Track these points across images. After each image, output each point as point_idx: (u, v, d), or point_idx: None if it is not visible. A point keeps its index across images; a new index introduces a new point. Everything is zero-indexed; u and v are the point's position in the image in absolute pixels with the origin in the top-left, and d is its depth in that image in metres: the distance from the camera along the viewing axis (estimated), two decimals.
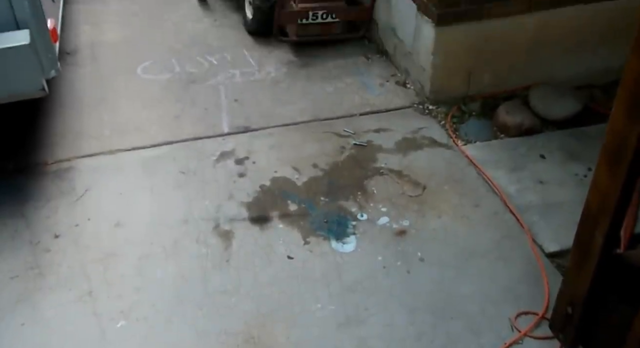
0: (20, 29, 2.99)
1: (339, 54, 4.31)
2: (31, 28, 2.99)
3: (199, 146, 3.50)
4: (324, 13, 4.08)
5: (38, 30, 3.03)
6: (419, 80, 3.87)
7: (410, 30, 3.83)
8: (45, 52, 3.08)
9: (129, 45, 4.37)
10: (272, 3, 4.20)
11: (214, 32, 4.55)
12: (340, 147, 3.51)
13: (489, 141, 3.59)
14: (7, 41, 2.94)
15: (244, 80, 4.04)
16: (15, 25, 2.99)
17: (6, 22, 2.98)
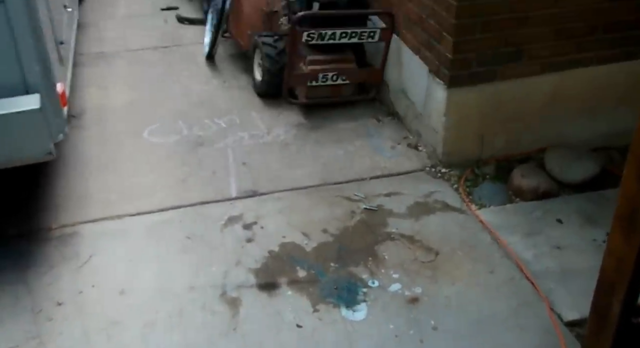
0: (31, 93, 3.20)
1: (350, 116, 4.52)
2: (41, 92, 3.20)
3: (206, 211, 3.65)
4: (334, 75, 4.30)
5: (48, 94, 3.24)
6: (431, 143, 4.04)
7: (422, 92, 4.03)
8: (54, 116, 3.29)
9: (136, 107, 4.61)
10: (281, 65, 4.43)
11: (222, 94, 4.79)
12: (351, 211, 3.65)
13: (503, 205, 3.72)
14: (17, 106, 3.14)
15: (253, 143, 4.23)
16: (26, 90, 3.20)
17: (16, 87, 3.19)
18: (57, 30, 3.87)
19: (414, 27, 4.05)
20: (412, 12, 4.05)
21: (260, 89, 4.68)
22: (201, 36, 5.55)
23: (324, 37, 4.12)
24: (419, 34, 3.99)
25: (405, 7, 4.13)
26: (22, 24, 3.08)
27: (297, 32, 4.06)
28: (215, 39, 5.02)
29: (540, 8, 3.63)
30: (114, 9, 6.31)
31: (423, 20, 3.91)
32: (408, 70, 4.21)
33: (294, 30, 4.06)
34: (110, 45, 5.54)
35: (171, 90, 4.85)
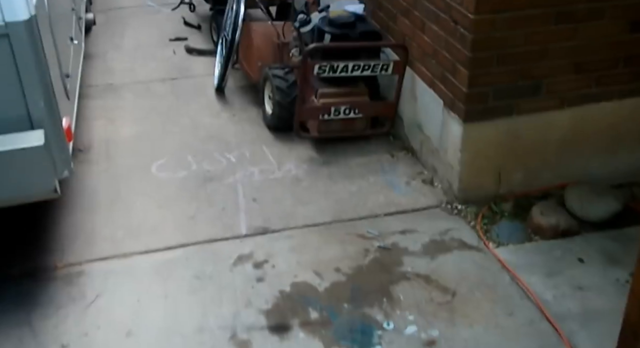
0: (35, 128, 3.21)
1: (363, 151, 4.55)
2: (46, 128, 3.21)
3: (216, 249, 3.68)
4: (347, 108, 4.35)
5: (53, 130, 3.26)
6: (446, 179, 4.06)
7: (437, 127, 4.07)
8: (59, 152, 3.30)
9: (144, 141, 4.66)
10: (292, 98, 4.49)
11: (232, 128, 4.84)
12: (364, 249, 3.66)
13: (522, 244, 3.72)
14: (20, 142, 3.14)
15: (263, 178, 4.27)
16: (30, 125, 3.21)
17: (20, 122, 3.20)
18: (63, 63, 3.93)
19: (428, 59, 4.10)
20: (425, 45, 4.11)
21: (271, 122, 4.73)
22: (210, 67, 5.64)
23: (335, 69, 4.18)
24: (433, 67, 4.04)
25: (418, 39, 4.19)
26: (27, 58, 3.10)
27: (308, 65, 4.12)
28: (224, 71, 5.09)
29: (559, 40, 3.68)
30: (121, 39, 6.42)
31: (437, 52, 3.96)
32: (422, 103, 4.26)
33: (305, 62, 4.13)
34: (118, 77, 5.62)
35: (180, 123, 4.91)
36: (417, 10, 4.15)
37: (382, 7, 4.70)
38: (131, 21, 6.91)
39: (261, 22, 5.14)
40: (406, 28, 4.35)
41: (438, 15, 3.89)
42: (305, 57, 4.12)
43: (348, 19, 4.34)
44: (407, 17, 4.31)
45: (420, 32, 4.16)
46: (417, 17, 4.16)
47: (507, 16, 3.54)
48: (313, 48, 4.15)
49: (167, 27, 6.66)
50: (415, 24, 4.21)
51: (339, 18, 4.33)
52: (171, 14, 6.83)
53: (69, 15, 4.71)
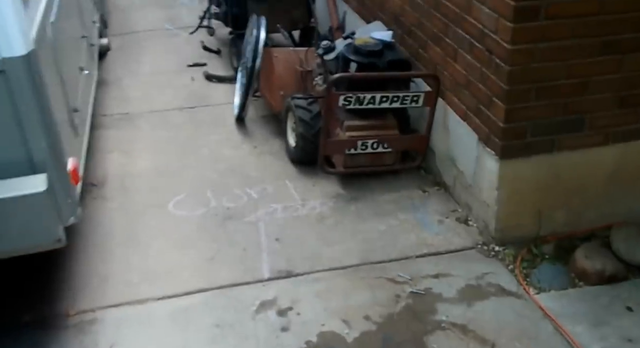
0: (37, 173, 3.07)
1: (392, 186, 4.48)
2: (49, 172, 3.08)
3: (237, 294, 3.61)
4: (375, 142, 4.28)
5: (57, 173, 3.13)
6: (482, 218, 3.97)
7: (471, 162, 3.98)
8: (64, 197, 3.18)
9: (161, 175, 4.63)
10: (316, 130, 4.44)
11: (253, 161, 4.80)
12: (395, 295, 3.58)
13: (565, 290, 3.62)
14: (20, 188, 3.00)
15: (287, 216, 4.21)
16: (31, 169, 3.07)
17: (21, 166, 3.05)
18: (71, 97, 3.85)
19: (461, 90, 4.04)
20: (458, 74, 4.04)
21: (294, 155, 4.68)
22: (230, 95, 5.61)
23: (362, 101, 4.12)
24: (466, 99, 3.97)
25: (450, 68, 4.13)
26: (26, 96, 2.97)
27: (332, 96, 4.07)
28: (245, 101, 5.06)
29: (603, 73, 3.59)
30: (138, 65, 6.43)
31: (471, 83, 3.89)
32: (455, 137, 4.18)
33: (329, 93, 4.07)
34: (134, 106, 5.62)
35: (199, 155, 4.88)
36: (449, 37, 4.10)
37: (411, 33, 4.65)
38: (148, 45, 6.93)
39: (283, 48, 5.12)
40: (437, 56, 4.30)
41: (471, 44, 3.83)
42: (329, 88, 4.08)
43: (375, 47, 4.29)
44: (438, 44, 4.26)
45: (452, 61, 4.10)
46: (449, 44, 4.10)
47: (546, 46, 3.47)
48: (337, 78, 4.10)
49: (185, 52, 6.67)
50: (447, 52, 4.15)
51: (365, 46, 4.29)
52: (189, 37, 6.84)
53: (78, 43, 4.69)
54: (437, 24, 4.24)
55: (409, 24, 4.67)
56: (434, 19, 4.27)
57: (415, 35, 4.61)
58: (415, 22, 4.58)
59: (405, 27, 4.75)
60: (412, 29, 4.63)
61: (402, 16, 4.78)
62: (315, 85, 4.74)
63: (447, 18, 4.09)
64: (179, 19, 7.58)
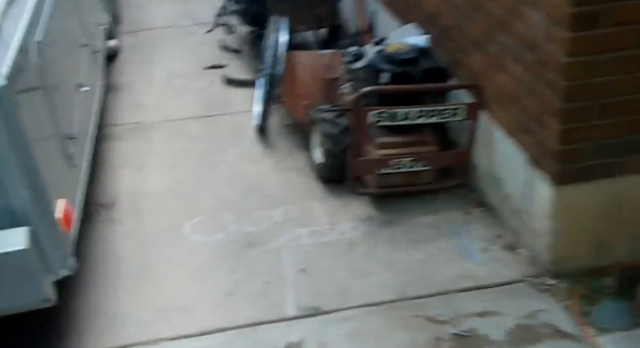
0: (18, 225, 2.78)
1: (430, 208, 4.21)
2: (33, 223, 2.79)
3: (258, 335, 3.37)
4: (411, 161, 4.01)
5: (43, 223, 2.85)
6: (533, 246, 3.69)
7: (520, 184, 3.70)
8: (52, 249, 2.91)
9: (176, 195, 4.40)
10: (345, 145, 4.19)
11: (276, 178, 4.55)
12: (435, 338, 3.31)
13: (629, 331, 3.32)
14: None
15: (313, 242, 3.96)
16: (12, 221, 2.79)
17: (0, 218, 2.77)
18: (65, 123, 3.54)
19: (507, 104, 3.75)
20: (504, 86, 3.75)
21: (321, 172, 4.42)
22: (251, 102, 5.37)
23: (395, 117, 3.85)
24: (514, 114, 3.69)
25: (495, 79, 3.84)
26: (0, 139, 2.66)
27: (361, 112, 3.80)
28: (266, 110, 4.80)
29: None
30: (151, 68, 6.20)
31: (519, 98, 3.60)
32: (501, 154, 3.90)
33: (357, 109, 3.80)
34: (147, 114, 5.40)
35: (217, 171, 4.64)
36: (493, 43, 3.80)
37: (448, 36, 4.37)
38: (163, 44, 6.71)
39: (307, 52, 4.85)
40: (479, 63, 4.01)
41: (520, 54, 3.54)
42: (357, 103, 3.80)
43: (409, 54, 4.01)
44: (481, 50, 3.97)
45: (497, 71, 3.81)
46: (493, 52, 3.81)
47: (610, 58, 3.16)
48: (366, 92, 3.81)
49: (202, 52, 6.44)
50: (491, 59, 3.86)
51: (398, 53, 4.00)
52: (207, 35, 6.59)
53: (77, 54, 4.36)
54: (480, 27, 3.95)
55: (447, 26, 4.38)
56: (475, 21, 3.99)
57: (453, 39, 4.32)
58: (453, 24, 4.29)
59: (441, 29, 4.46)
60: (450, 31, 4.34)
61: (438, 17, 4.49)
62: (343, 95, 4.47)
63: (491, 22, 3.80)
64: (196, 13, 7.31)
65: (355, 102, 3.80)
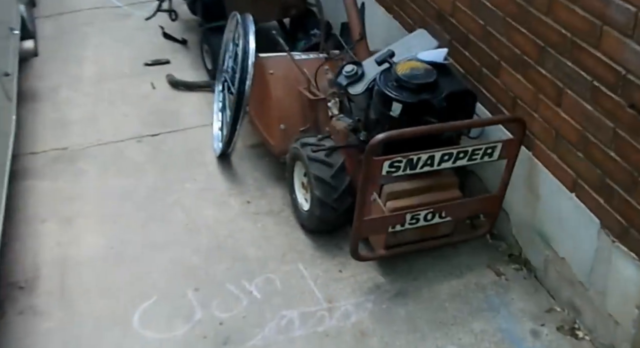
0: None
1: (452, 266, 3.18)
2: None
3: None
4: (429, 213, 2.95)
5: None
6: (604, 333, 2.70)
7: (586, 254, 2.69)
8: None
9: (118, 261, 3.24)
10: (341, 192, 3.11)
11: (248, 228, 3.43)
12: None
13: None
14: None
15: (308, 332, 2.88)
16: None
17: None
18: None
19: (565, 147, 2.70)
20: (563, 124, 2.70)
21: (308, 223, 3.33)
22: (206, 112, 4.19)
23: (416, 165, 2.76)
24: (579, 163, 2.64)
25: (547, 111, 2.78)
26: None
27: (373, 163, 2.69)
28: (231, 137, 3.64)
29: None
30: (79, 67, 4.86)
31: (591, 144, 2.56)
32: (552, 208, 2.86)
33: (369, 160, 2.68)
34: (75, 135, 4.12)
35: (170, 221, 3.48)
36: (546, 67, 2.72)
37: (469, 43, 3.27)
38: (92, 32, 5.35)
39: (278, 58, 3.66)
40: (519, 87, 2.93)
41: (596, 89, 2.47)
42: (369, 155, 2.67)
43: (427, 78, 2.87)
44: (523, 72, 2.88)
45: (551, 102, 2.74)
46: (547, 77, 2.73)
47: None
48: (381, 140, 2.68)
49: (140, 41, 5.15)
50: (541, 86, 2.79)
51: (413, 75, 2.87)
52: (144, 20, 5.27)
53: None
54: (521, 43, 2.85)
55: (466, 31, 3.27)
56: (514, 34, 2.89)
57: (475, 48, 3.21)
58: (477, 31, 3.18)
59: (457, 34, 3.35)
60: (472, 38, 3.23)
61: (453, 17, 3.37)
62: (332, 118, 3.35)
63: (544, 40, 2.70)
64: None
65: (367, 153, 2.66)
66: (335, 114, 3.37)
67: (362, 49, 3.38)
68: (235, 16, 3.69)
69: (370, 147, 2.64)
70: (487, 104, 3.18)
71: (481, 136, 3.13)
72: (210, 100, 4.20)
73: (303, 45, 4.27)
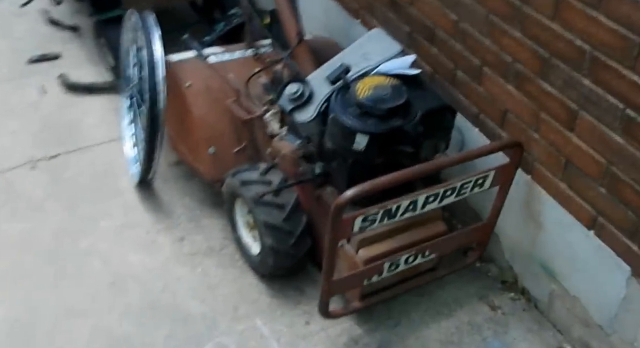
0: None
1: (439, 304, 2.66)
2: None
3: None
4: (411, 256, 2.40)
5: None
6: None
7: (608, 298, 2.22)
8: None
9: (28, 340, 2.53)
10: (298, 236, 2.51)
11: (186, 276, 2.77)
12: None
13: None
14: None
15: None
16: None
17: None
18: None
19: (584, 181, 2.18)
20: (579, 154, 2.16)
21: (262, 269, 2.70)
22: (112, 121, 3.45)
23: (394, 213, 2.17)
24: (601, 201, 2.14)
25: (555, 136, 2.24)
26: None
27: (343, 222, 2.08)
28: (149, 163, 2.93)
29: None
30: None
31: (617, 181, 2.05)
32: (561, 242, 2.36)
33: (336, 220, 2.06)
34: None
35: (87, 276, 2.76)
36: (554, 83, 2.17)
37: (435, 38, 2.67)
38: None
39: (195, 62, 2.93)
40: (512, 100, 2.38)
41: (629, 118, 1.94)
42: (337, 213, 2.05)
43: (396, 99, 2.23)
44: (517, 83, 2.33)
45: (560, 124, 2.20)
46: (552, 95, 2.18)
47: None
48: (350, 199, 2.04)
49: (20, 31, 4.21)
50: (544, 103, 2.24)
51: (378, 98, 2.21)
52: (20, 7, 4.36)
53: None
54: (513, 49, 2.28)
55: (432, 24, 2.66)
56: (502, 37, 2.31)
57: (447, 47, 2.62)
58: (447, 26, 2.58)
59: (418, 26, 2.74)
60: (440, 34, 2.63)
61: (412, 6, 2.75)
62: (273, 137, 2.71)
63: (549, 50, 2.13)
64: None
65: (334, 212, 2.04)
66: (277, 131, 2.74)
67: (303, 55, 2.70)
68: (133, 15, 2.93)
69: (336, 207, 2.02)
70: (466, 114, 2.62)
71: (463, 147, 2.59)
72: (117, 106, 3.46)
73: (222, 28, 3.56)
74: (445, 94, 2.62)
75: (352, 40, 3.22)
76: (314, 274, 2.72)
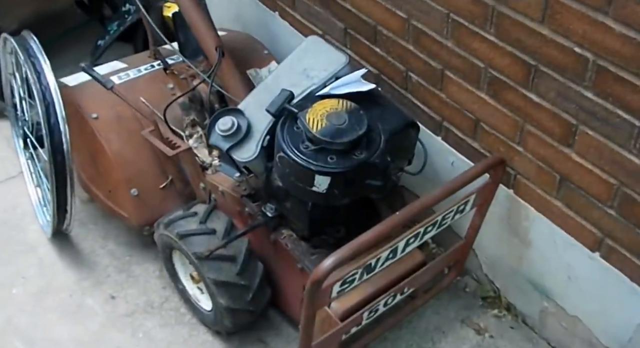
0: None
1: (419, 336, 2.33)
2: None
3: None
4: (390, 297, 2.06)
5: None
6: None
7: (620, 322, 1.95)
8: None
9: None
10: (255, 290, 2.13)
11: (125, 342, 2.34)
12: None
13: None
14: None
15: None
16: None
17: None
18: None
19: (587, 201, 1.85)
20: (581, 172, 1.82)
21: (218, 327, 2.30)
22: (7, 153, 2.92)
23: (374, 267, 1.80)
24: (609, 223, 1.82)
25: (547, 152, 1.89)
26: None
27: (320, 293, 1.70)
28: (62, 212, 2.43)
29: None
30: None
31: (633, 204, 1.73)
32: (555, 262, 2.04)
33: (313, 292, 1.67)
34: None
35: None
36: (545, 95, 1.79)
37: (378, 37, 2.25)
38: None
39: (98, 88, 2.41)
40: (485, 109, 2.01)
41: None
42: (315, 288, 1.65)
43: (356, 128, 1.78)
44: (492, 91, 1.95)
45: (552, 139, 1.85)
46: (542, 106, 1.81)
47: None
48: (330, 270, 1.61)
49: None
50: (530, 115, 1.88)
51: (334, 131, 1.76)
52: None
53: None
54: (486, 53, 1.89)
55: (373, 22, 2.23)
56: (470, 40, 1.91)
57: (395, 48, 2.21)
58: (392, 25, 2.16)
59: (354, 22, 2.31)
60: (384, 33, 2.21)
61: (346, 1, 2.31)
62: (206, 169, 2.27)
63: (537, 58, 1.75)
64: None
65: (309, 295, 1.65)
66: (208, 160, 2.30)
67: (227, 72, 2.23)
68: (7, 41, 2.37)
69: (313, 283, 1.63)
70: (425, 121, 2.24)
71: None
72: (8, 134, 2.91)
73: (117, 29, 3.02)
74: (395, 98, 2.25)
75: (272, 35, 2.82)
76: (276, 321, 2.36)
